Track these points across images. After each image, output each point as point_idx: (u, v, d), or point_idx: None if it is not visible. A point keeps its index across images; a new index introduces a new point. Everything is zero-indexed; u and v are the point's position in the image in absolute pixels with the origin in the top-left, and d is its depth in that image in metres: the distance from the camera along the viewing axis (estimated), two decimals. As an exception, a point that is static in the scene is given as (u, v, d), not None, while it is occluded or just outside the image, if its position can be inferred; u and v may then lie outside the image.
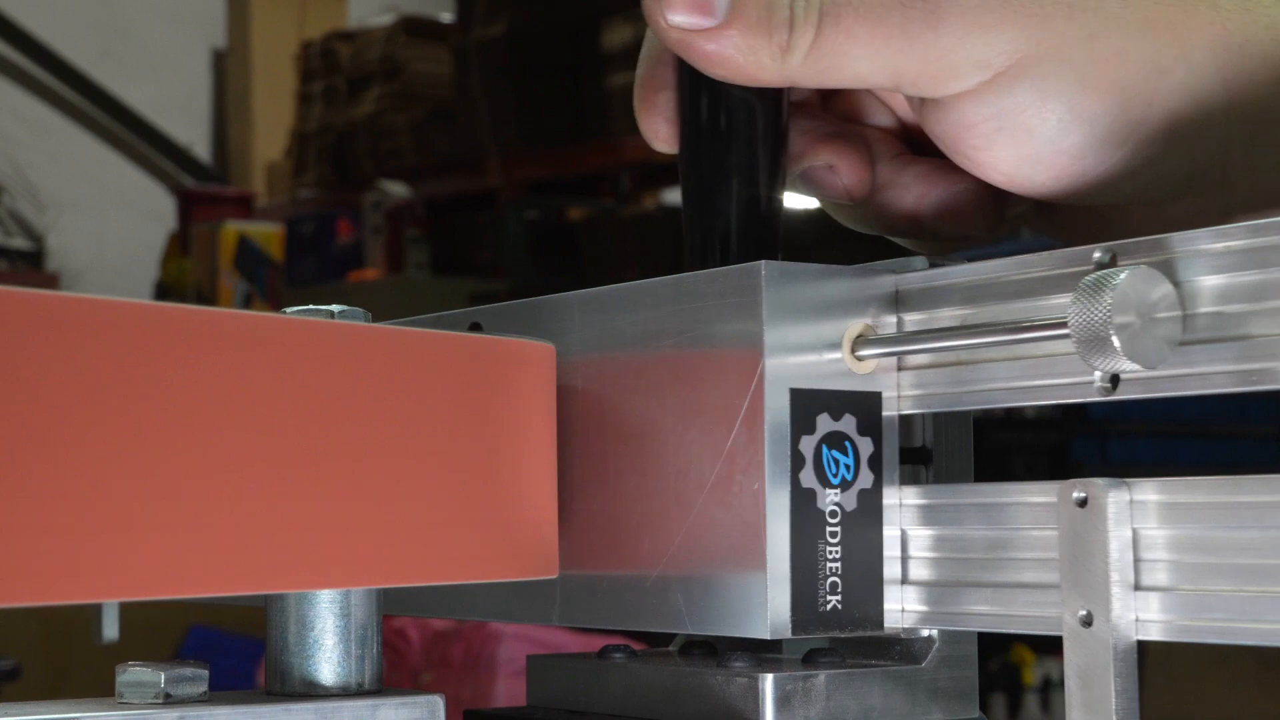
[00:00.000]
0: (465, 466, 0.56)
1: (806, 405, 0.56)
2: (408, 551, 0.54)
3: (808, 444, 0.56)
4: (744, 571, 0.56)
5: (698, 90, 0.63)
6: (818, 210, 0.71)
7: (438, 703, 0.57)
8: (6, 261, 6.15)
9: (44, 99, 6.50)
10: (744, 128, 0.63)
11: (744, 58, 0.59)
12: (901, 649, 0.58)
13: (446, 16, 5.49)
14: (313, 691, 0.57)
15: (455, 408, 0.55)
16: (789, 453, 0.55)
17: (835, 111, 0.68)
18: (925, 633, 0.58)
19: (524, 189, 4.95)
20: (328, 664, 0.57)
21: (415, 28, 5.41)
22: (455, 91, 5.01)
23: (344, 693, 0.57)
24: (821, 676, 0.56)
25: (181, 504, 0.47)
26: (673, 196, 5.18)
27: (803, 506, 0.56)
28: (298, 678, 0.57)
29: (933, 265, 0.58)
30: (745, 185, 0.63)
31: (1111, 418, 4.09)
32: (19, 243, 6.32)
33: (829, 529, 0.56)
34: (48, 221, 6.35)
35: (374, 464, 0.53)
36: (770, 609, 0.55)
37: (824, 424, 0.56)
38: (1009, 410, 3.67)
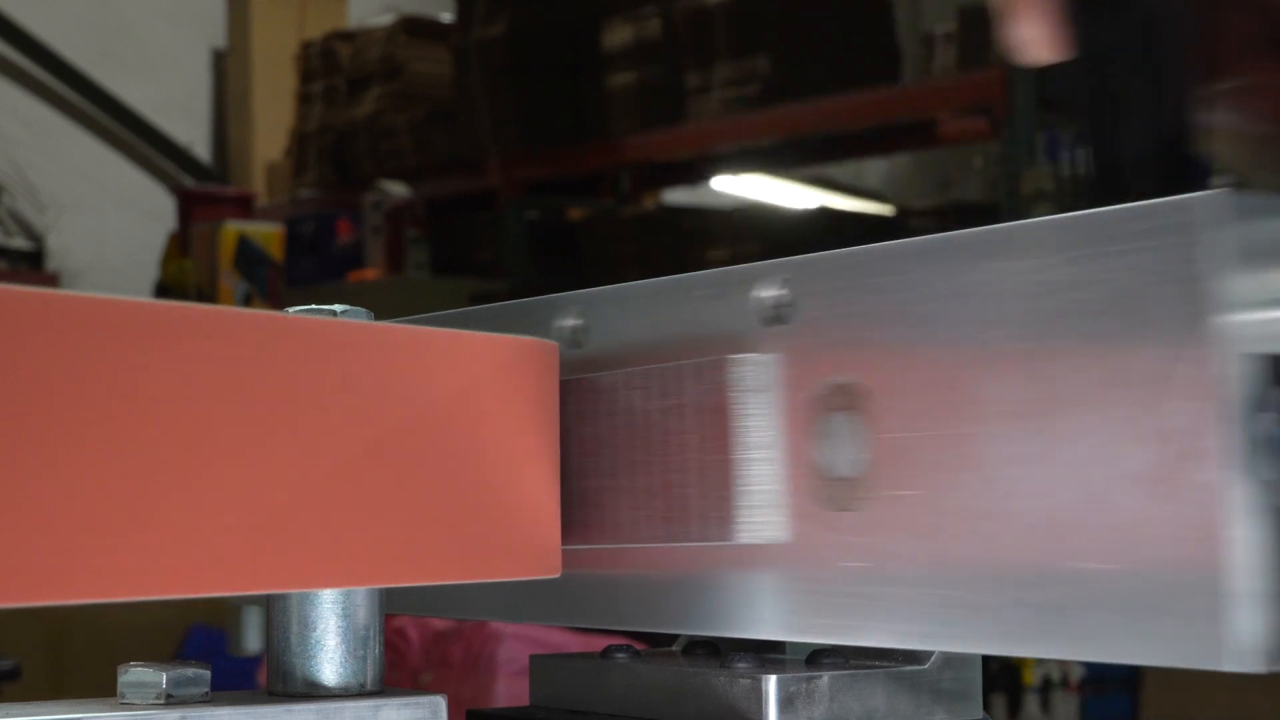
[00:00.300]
0: (466, 464, 0.55)
1: (1268, 375, 0.45)
2: (409, 551, 0.54)
3: (1268, 424, 0.45)
4: (1193, 585, 0.45)
5: None
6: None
7: (440, 703, 0.57)
8: (6, 261, 6.14)
9: (44, 99, 6.49)
10: (1162, 28, 0.53)
11: None
12: (905, 650, 0.58)
13: (446, 16, 5.48)
14: (315, 692, 0.57)
15: (456, 405, 0.55)
16: (1246, 435, 0.45)
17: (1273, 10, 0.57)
18: (928, 633, 0.57)
19: (524, 189, 4.94)
20: (330, 664, 0.57)
21: (415, 28, 5.41)
22: (455, 91, 5.01)
23: (346, 693, 0.57)
24: (825, 678, 0.55)
25: (182, 503, 0.47)
26: (672, 196, 5.18)
27: (1265, 502, 0.45)
28: (300, 678, 0.57)
29: None
30: (1167, 103, 0.52)
31: None
32: (19, 243, 6.32)
33: None
34: (48, 221, 6.35)
35: (376, 462, 0.52)
36: (1231, 633, 0.45)
37: None
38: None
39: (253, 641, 0.78)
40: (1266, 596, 0.45)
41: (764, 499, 0.55)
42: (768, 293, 0.56)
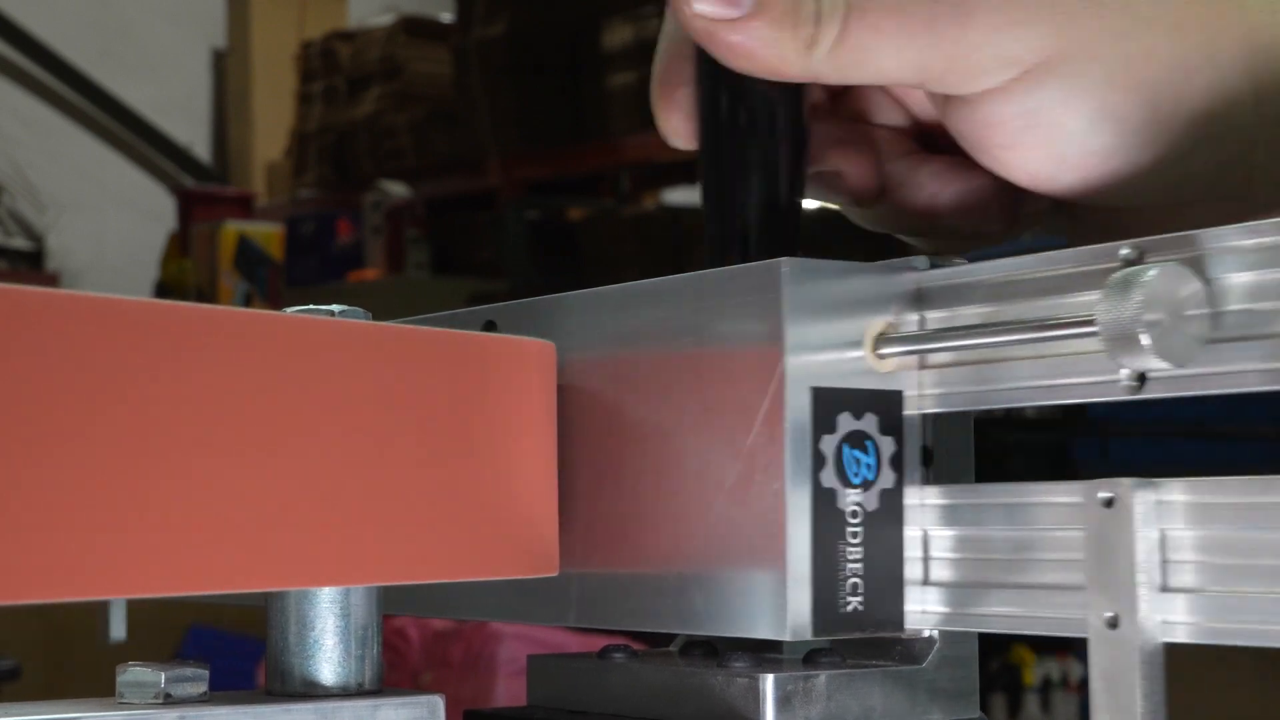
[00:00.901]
0: (464, 464, 0.56)
1: (828, 404, 0.55)
2: (406, 549, 0.54)
3: (829, 443, 0.55)
4: (763, 572, 0.55)
5: (717, 85, 0.62)
6: (828, 209, 0.70)
7: (438, 703, 0.57)
8: (6, 261, 6.15)
9: (44, 99, 6.50)
10: (765, 123, 0.62)
11: (768, 50, 0.59)
12: (902, 649, 0.58)
13: (446, 16, 5.49)
14: (313, 691, 0.57)
15: (455, 406, 0.55)
16: (810, 452, 0.55)
17: (844, 111, 0.67)
18: (926, 633, 0.57)
19: (524, 189, 4.95)
20: (328, 664, 0.57)
21: (415, 28, 5.41)
22: (455, 91, 5.01)
23: (344, 693, 0.57)
24: (822, 677, 0.56)
25: (182, 501, 0.47)
26: (672, 196, 5.18)
27: (824, 506, 0.55)
28: (298, 678, 0.57)
29: (933, 265, 0.58)
30: (765, 182, 0.62)
31: (1111, 418, 4.09)
32: (19, 243, 6.33)
33: (850, 529, 0.55)
34: (48, 221, 6.35)
35: (374, 461, 0.53)
36: (790, 610, 0.54)
37: (845, 423, 0.56)
38: (1008, 410, 3.67)
39: (118, 630, 0.78)
40: (815, 581, 0.55)
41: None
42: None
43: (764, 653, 0.59)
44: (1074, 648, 3.92)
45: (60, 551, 0.45)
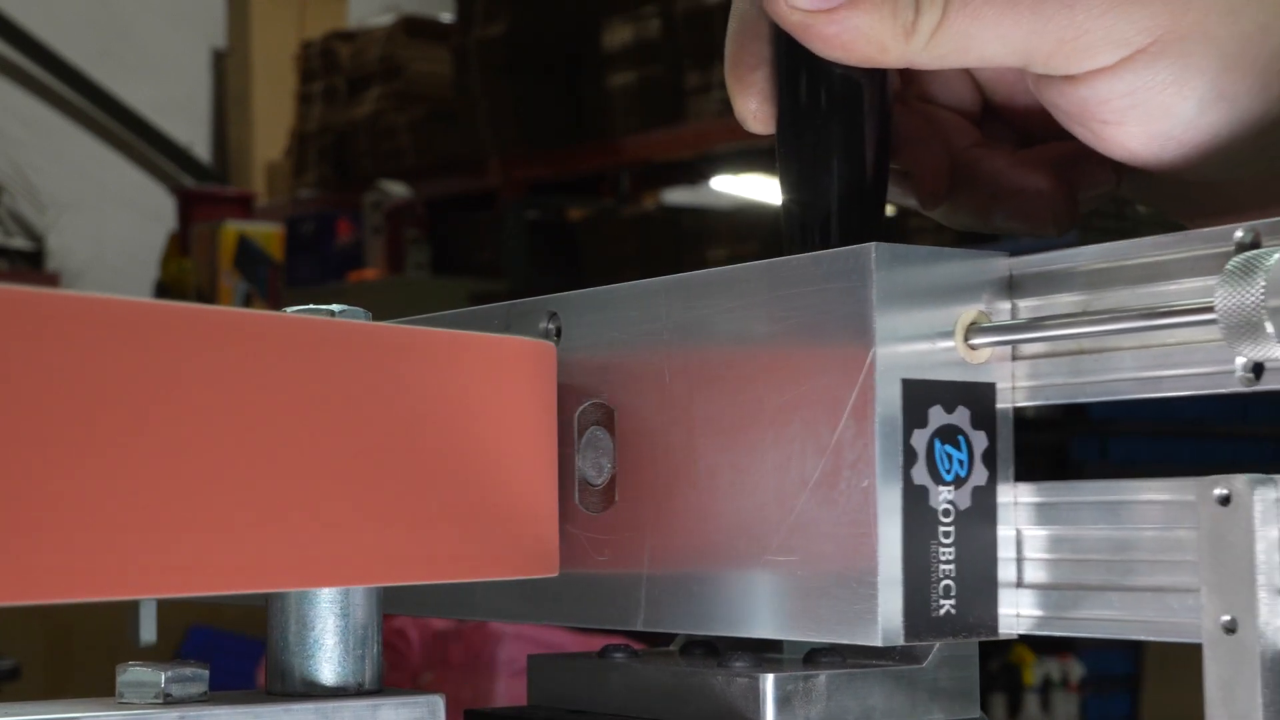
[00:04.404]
0: (465, 464, 0.55)
1: (919, 397, 0.53)
2: (406, 549, 0.54)
3: (920, 438, 0.53)
4: (852, 574, 0.52)
5: (797, 67, 0.60)
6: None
7: (438, 702, 0.57)
8: (6, 261, 6.15)
9: (44, 99, 6.50)
10: (849, 104, 0.60)
11: (866, 41, 0.57)
12: (902, 649, 0.58)
13: (446, 16, 5.49)
14: (313, 691, 0.57)
15: (455, 405, 0.55)
16: (901, 447, 0.52)
17: (913, 90, 0.65)
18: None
19: (524, 189, 4.94)
20: (328, 664, 0.57)
21: (415, 28, 5.41)
22: (455, 91, 5.01)
23: (344, 692, 0.57)
24: (822, 676, 0.55)
25: (182, 501, 0.47)
26: (672, 196, 5.18)
27: (915, 505, 0.52)
28: (298, 677, 0.57)
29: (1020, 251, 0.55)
30: (849, 164, 0.60)
31: (1112, 417, 4.09)
32: (19, 243, 6.32)
33: (942, 529, 0.53)
34: (48, 221, 6.35)
35: (374, 461, 0.53)
36: (881, 615, 0.52)
37: (936, 417, 0.53)
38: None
39: (148, 633, 0.78)
40: (906, 583, 0.52)
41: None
42: (540, 324, 0.63)
43: (764, 652, 0.59)
44: (1074, 647, 3.92)
45: (61, 552, 0.45)
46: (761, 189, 5.24)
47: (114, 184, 6.57)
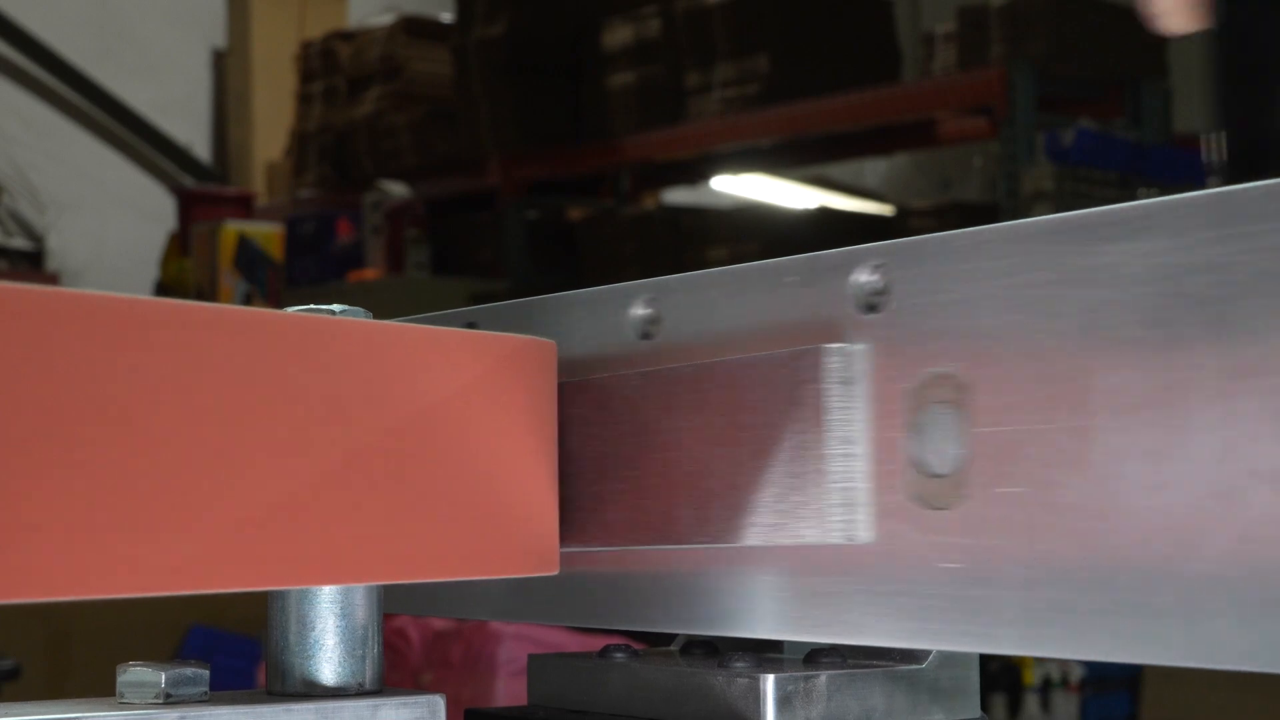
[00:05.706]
0: (465, 464, 0.55)
1: None
2: (406, 548, 0.54)
3: None
4: None
5: None
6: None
7: (438, 702, 0.57)
8: (6, 261, 6.15)
9: (44, 99, 6.50)
10: None
11: None
12: (902, 650, 0.58)
13: (446, 16, 5.49)
14: (313, 691, 0.57)
15: (455, 405, 0.55)
16: None
17: None
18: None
19: (524, 189, 4.94)
20: (328, 664, 0.57)
21: (415, 28, 5.41)
22: (455, 91, 5.01)
23: (344, 692, 0.57)
24: (823, 677, 0.55)
25: (180, 500, 0.47)
26: (672, 196, 5.17)
27: None
28: (298, 677, 0.57)
29: None
30: None
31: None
32: (19, 243, 6.32)
33: None
34: (48, 221, 6.35)
35: (374, 460, 0.52)
36: None
37: None
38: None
39: None
40: None
41: (851, 497, 0.53)
42: (862, 279, 0.54)
43: (764, 652, 0.59)
44: (1074, 648, 3.91)
45: (60, 551, 0.45)
46: (762, 189, 5.24)
47: (114, 184, 6.57)
